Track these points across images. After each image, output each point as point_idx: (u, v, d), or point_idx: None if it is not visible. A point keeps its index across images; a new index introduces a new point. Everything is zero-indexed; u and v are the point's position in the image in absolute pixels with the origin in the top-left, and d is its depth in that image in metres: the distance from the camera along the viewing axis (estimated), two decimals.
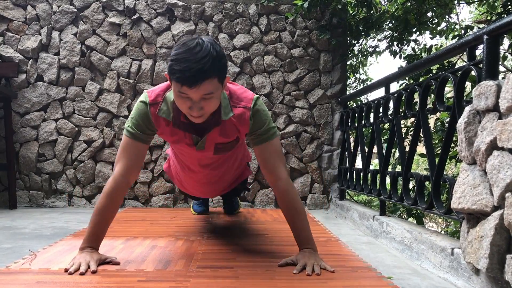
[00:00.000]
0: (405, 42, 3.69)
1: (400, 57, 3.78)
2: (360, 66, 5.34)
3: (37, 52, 3.34)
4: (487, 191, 1.25)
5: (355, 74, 5.39)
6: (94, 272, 1.41)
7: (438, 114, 2.73)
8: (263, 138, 1.61)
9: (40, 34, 3.35)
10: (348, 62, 5.01)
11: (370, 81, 5.48)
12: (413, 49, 3.47)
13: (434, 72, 3.00)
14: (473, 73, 1.54)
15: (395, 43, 3.75)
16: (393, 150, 2.75)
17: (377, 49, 4.48)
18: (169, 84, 1.52)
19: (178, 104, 1.45)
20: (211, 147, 1.67)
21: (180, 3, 3.40)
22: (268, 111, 1.66)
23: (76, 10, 3.37)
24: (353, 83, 5.48)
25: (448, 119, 3.30)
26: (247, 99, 1.61)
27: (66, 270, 1.42)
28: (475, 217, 1.33)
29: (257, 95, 1.64)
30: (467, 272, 1.40)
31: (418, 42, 3.87)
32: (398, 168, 3.19)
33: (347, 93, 3.76)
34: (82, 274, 1.39)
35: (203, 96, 1.38)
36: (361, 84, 5.51)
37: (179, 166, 2.01)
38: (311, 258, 1.52)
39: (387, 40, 3.86)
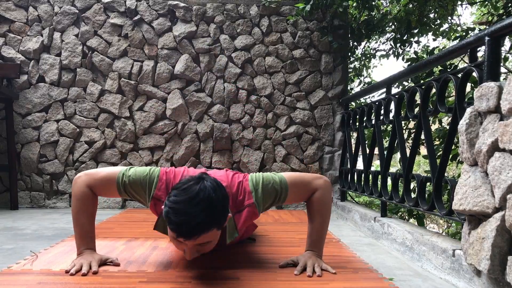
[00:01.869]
0: (407, 44, 3.69)
1: (403, 59, 3.79)
2: (364, 68, 5.34)
3: (38, 53, 3.35)
4: (489, 193, 1.25)
5: (359, 77, 5.38)
6: (95, 272, 1.41)
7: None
8: (283, 197, 1.55)
9: (42, 35, 3.36)
10: (352, 65, 5.00)
11: (373, 83, 5.48)
12: (415, 52, 3.47)
13: (436, 74, 3.00)
14: (474, 74, 1.54)
15: (398, 45, 3.76)
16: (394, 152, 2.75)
17: (381, 52, 4.49)
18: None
19: (174, 245, 1.40)
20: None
21: (182, 4, 3.40)
22: (262, 177, 1.55)
23: (77, 11, 3.38)
24: (358, 86, 5.46)
25: (445, 118, 3.30)
26: (247, 194, 1.51)
27: (67, 272, 1.42)
28: (477, 219, 1.33)
29: (249, 176, 1.56)
30: (468, 274, 1.40)
31: (420, 43, 3.87)
32: (394, 170, 3.19)
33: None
34: (84, 275, 1.39)
35: (199, 244, 1.33)
36: (366, 87, 5.51)
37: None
38: (312, 259, 1.52)
39: (390, 42, 3.86)
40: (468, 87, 1.78)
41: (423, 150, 2.62)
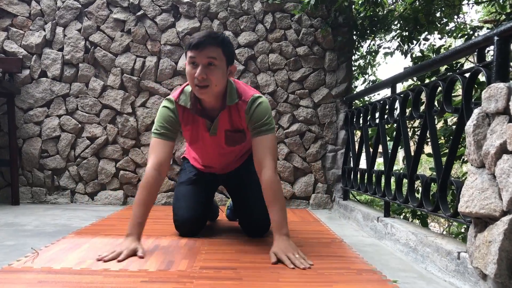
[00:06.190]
0: (415, 41, 3.65)
1: (411, 57, 3.75)
2: (369, 67, 5.30)
3: (41, 48, 3.33)
4: (496, 196, 1.23)
5: (364, 75, 5.34)
6: (119, 261, 1.54)
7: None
8: (258, 131, 1.78)
9: (44, 30, 3.34)
10: (356, 63, 4.96)
11: (378, 81, 5.43)
12: (421, 50, 3.43)
13: (441, 73, 2.97)
14: (482, 75, 1.52)
15: (406, 42, 3.71)
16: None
17: (386, 50, 4.45)
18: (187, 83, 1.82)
19: (188, 75, 1.69)
20: (222, 134, 1.87)
21: (185, 0, 3.38)
22: (269, 109, 1.82)
23: (80, 6, 3.35)
24: (362, 84, 5.42)
25: (451, 118, 3.28)
26: (248, 95, 1.81)
27: (99, 260, 1.55)
28: (483, 222, 1.31)
29: (260, 95, 1.83)
30: (474, 277, 1.38)
31: (428, 40, 3.83)
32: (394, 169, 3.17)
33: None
34: (120, 261, 1.55)
35: (207, 61, 1.63)
36: (370, 85, 5.47)
37: (196, 157, 2.20)
38: (288, 250, 1.61)
39: (397, 40, 3.82)
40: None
41: (425, 149, 2.60)
